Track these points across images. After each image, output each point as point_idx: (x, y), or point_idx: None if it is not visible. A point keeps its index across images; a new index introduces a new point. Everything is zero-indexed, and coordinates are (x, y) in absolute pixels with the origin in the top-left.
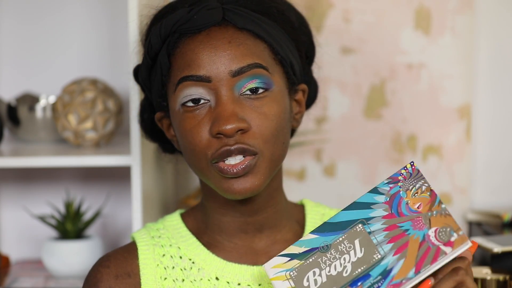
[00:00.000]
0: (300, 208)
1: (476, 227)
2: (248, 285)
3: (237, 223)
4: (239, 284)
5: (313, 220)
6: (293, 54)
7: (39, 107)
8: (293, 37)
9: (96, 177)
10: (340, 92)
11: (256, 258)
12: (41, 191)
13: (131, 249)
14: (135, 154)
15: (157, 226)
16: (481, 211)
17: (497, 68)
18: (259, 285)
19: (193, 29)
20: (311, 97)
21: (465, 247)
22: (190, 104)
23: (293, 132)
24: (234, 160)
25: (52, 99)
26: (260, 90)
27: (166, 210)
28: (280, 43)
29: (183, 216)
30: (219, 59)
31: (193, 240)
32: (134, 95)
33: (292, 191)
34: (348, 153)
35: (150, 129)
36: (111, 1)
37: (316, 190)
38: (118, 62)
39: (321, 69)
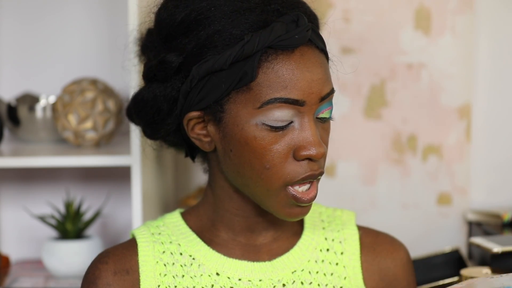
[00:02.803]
0: None
1: (476, 227)
2: (249, 280)
3: (247, 222)
4: (239, 279)
5: (311, 218)
6: None
7: (39, 107)
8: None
9: (96, 177)
10: (340, 92)
11: (258, 254)
12: (41, 191)
13: (130, 246)
14: (135, 154)
15: (157, 223)
16: (481, 211)
17: (497, 68)
18: (260, 280)
19: (290, 47)
20: None
21: None
22: (278, 124)
23: None
24: (304, 187)
25: (52, 99)
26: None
27: (166, 210)
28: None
29: (183, 215)
30: (315, 85)
31: (193, 237)
32: None
33: None
34: (348, 153)
35: (150, 120)
36: (111, 2)
37: None
38: (118, 62)
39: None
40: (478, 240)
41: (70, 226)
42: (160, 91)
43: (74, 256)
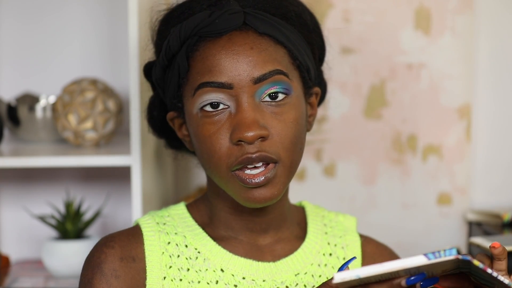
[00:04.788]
0: (300, 210)
1: (476, 227)
2: (253, 279)
3: (244, 221)
4: (243, 278)
5: (314, 222)
6: (309, 58)
7: (39, 107)
8: (308, 40)
9: (96, 177)
10: (340, 92)
11: (262, 255)
12: (41, 191)
13: (135, 233)
14: (135, 154)
15: (162, 213)
16: (481, 211)
17: (497, 68)
18: (263, 280)
19: (214, 33)
20: (321, 98)
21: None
22: (209, 108)
23: None
24: (255, 170)
25: (52, 99)
26: (280, 96)
27: None
28: (298, 48)
29: (188, 207)
30: (241, 66)
31: (199, 230)
32: (134, 95)
33: (292, 191)
34: (348, 153)
35: (159, 126)
36: (111, 2)
37: (316, 190)
38: (118, 62)
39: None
40: (478, 240)
41: (70, 226)
42: (153, 97)
43: (74, 256)
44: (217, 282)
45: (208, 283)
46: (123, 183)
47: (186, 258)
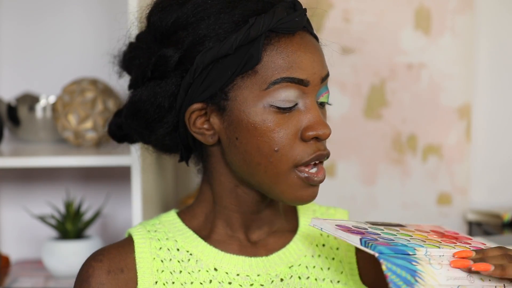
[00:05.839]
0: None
1: (476, 227)
2: (247, 275)
3: (244, 218)
4: (237, 274)
5: (306, 215)
6: None
7: (39, 107)
8: None
9: (96, 177)
10: (340, 92)
11: (255, 250)
12: (41, 191)
13: (126, 244)
14: (135, 154)
15: (153, 222)
16: (481, 211)
17: (497, 68)
18: (258, 275)
19: (291, 30)
20: None
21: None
22: (285, 105)
23: None
24: (315, 168)
25: (52, 99)
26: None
27: (166, 210)
28: None
29: (178, 214)
30: (316, 65)
31: (190, 233)
32: None
33: None
34: (348, 153)
35: (147, 120)
36: (111, 2)
37: None
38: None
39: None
40: (478, 240)
41: (70, 226)
42: (161, 87)
43: (74, 256)
44: (210, 281)
45: (201, 283)
46: (123, 183)
47: (178, 261)
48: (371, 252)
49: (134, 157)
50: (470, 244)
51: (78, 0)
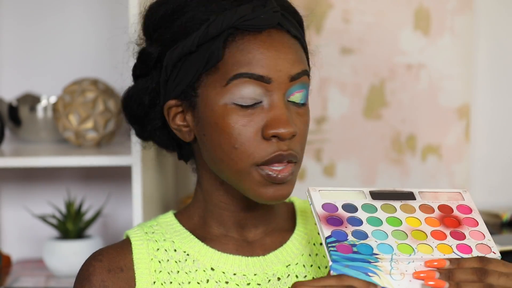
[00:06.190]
0: (289, 204)
1: None
2: (244, 274)
3: (236, 217)
4: (234, 274)
5: (303, 214)
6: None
7: (40, 107)
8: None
9: (97, 177)
10: (340, 92)
11: (252, 249)
12: (42, 191)
13: (124, 245)
14: (135, 154)
15: (150, 223)
16: (480, 210)
17: (497, 68)
18: (255, 274)
19: (256, 28)
20: None
21: None
22: (245, 102)
23: None
24: (280, 166)
25: (53, 99)
26: (304, 99)
27: (166, 210)
28: (308, 56)
29: (176, 215)
30: (282, 62)
31: (187, 234)
32: None
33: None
34: (348, 153)
35: (137, 115)
36: (111, 2)
37: None
38: (118, 62)
39: (321, 69)
40: None
41: (71, 225)
42: (142, 84)
43: (75, 256)
44: (207, 281)
45: (198, 283)
46: (124, 183)
47: (175, 262)
48: (328, 258)
49: (134, 157)
50: (465, 237)
51: (79, 0)
